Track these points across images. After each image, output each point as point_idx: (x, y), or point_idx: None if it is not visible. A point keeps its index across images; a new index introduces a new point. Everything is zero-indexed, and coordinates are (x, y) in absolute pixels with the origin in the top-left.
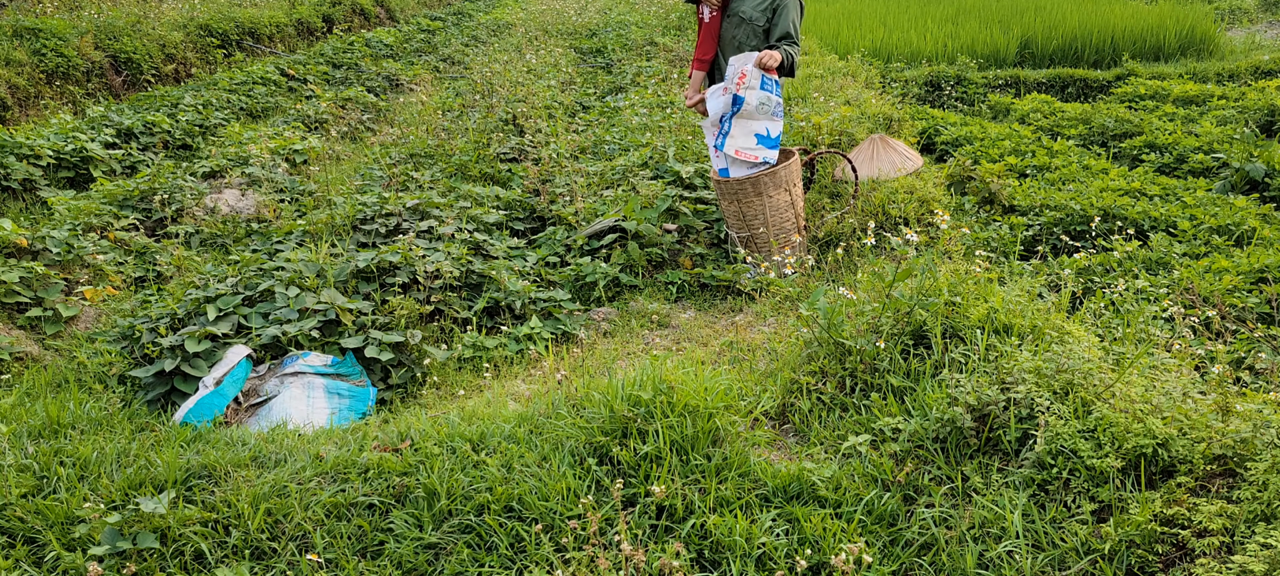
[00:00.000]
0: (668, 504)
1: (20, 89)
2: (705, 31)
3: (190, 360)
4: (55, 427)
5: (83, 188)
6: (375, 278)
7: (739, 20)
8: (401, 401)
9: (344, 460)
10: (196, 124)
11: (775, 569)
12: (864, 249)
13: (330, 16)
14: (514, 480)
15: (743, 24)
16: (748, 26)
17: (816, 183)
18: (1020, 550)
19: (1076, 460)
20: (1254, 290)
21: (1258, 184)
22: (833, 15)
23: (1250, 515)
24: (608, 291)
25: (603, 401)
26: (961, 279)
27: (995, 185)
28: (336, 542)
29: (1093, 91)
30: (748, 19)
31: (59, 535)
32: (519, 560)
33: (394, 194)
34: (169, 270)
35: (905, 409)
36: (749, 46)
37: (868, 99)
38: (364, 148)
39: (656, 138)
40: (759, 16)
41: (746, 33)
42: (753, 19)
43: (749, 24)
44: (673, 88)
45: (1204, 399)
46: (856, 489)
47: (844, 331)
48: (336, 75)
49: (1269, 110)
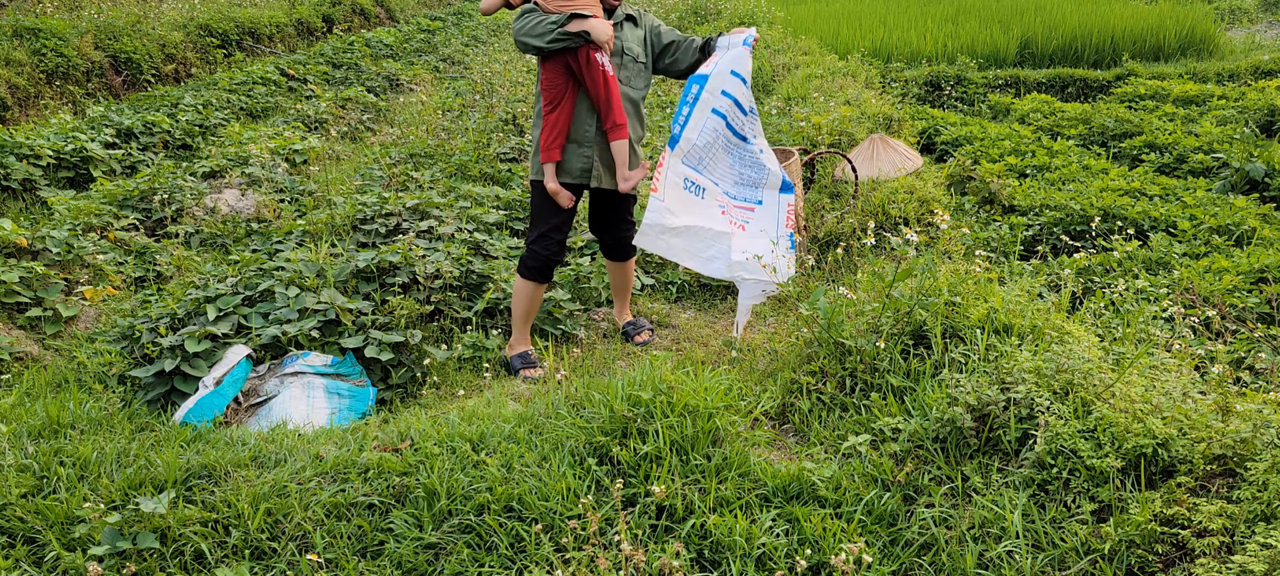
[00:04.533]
0: (668, 504)
1: (20, 89)
2: (614, 86)
3: (190, 360)
4: (55, 427)
5: (83, 188)
6: (375, 277)
7: (626, 59)
8: (401, 401)
9: (344, 460)
10: (196, 124)
11: (775, 569)
12: (864, 249)
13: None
14: (514, 480)
15: (632, 65)
16: (635, 66)
17: (816, 183)
18: (1020, 550)
19: (1076, 460)
20: (1254, 290)
21: (1258, 184)
22: (833, 15)
23: (1250, 515)
24: (608, 291)
25: (603, 401)
26: (961, 279)
27: (995, 185)
28: (336, 542)
29: (1093, 91)
30: (635, 57)
31: (59, 535)
32: (519, 560)
33: (394, 194)
34: (169, 270)
35: (905, 409)
36: (636, 88)
37: (868, 99)
38: (364, 148)
39: (656, 138)
40: (642, 52)
41: (633, 72)
42: (638, 55)
43: (636, 63)
44: (672, 87)
45: (1204, 399)
46: (856, 489)
47: (844, 331)
48: (336, 75)
49: (1269, 110)
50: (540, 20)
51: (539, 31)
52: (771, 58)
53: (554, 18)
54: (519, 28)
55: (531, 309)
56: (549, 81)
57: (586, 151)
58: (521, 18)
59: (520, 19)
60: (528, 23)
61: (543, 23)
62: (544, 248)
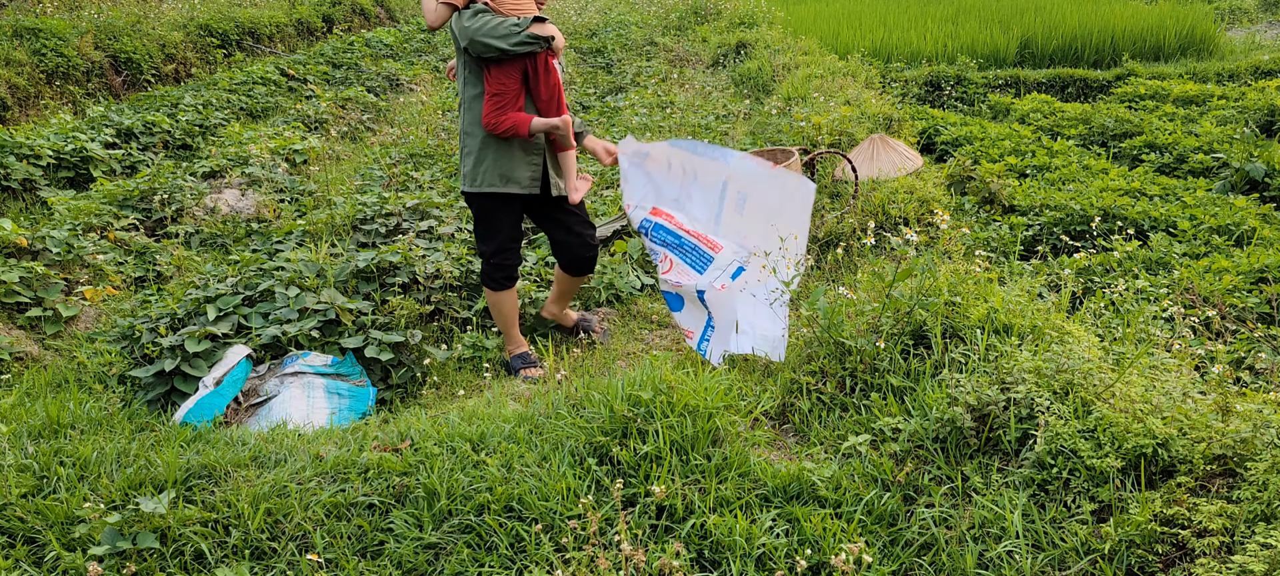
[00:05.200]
0: (668, 504)
1: (20, 89)
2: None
3: (190, 360)
4: (55, 427)
5: (83, 188)
6: (375, 277)
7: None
8: (401, 401)
9: (344, 460)
10: (196, 124)
11: (775, 569)
12: (864, 249)
13: (330, 16)
14: (514, 480)
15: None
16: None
17: (816, 183)
18: (1020, 550)
19: (1076, 460)
20: (1254, 290)
21: (1258, 184)
22: (833, 15)
23: (1250, 515)
24: (608, 291)
25: (603, 401)
26: (961, 279)
27: (995, 185)
28: (336, 542)
29: (1093, 91)
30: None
31: (59, 535)
32: (519, 560)
33: (394, 194)
34: (169, 270)
35: (905, 409)
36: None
37: (868, 99)
38: (364, 148)
39: (657, 138)
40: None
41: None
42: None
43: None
44: (673, 87)
45: (1204, 399)
46: (856, 489)
47: (844, 331)
48: (336, 75)
49: (1269, 110)
50: (500, 21)
51: (501, 33)
52: (772, 58)
53: (516, 20)
54: (475, 28)
55: (513, 312)
56: (501, 87)
57: (535, 159)
58: (476, 18)
59: (474, 19)
60: (486, 23)
61: (504, 24)
62: (507, 259)
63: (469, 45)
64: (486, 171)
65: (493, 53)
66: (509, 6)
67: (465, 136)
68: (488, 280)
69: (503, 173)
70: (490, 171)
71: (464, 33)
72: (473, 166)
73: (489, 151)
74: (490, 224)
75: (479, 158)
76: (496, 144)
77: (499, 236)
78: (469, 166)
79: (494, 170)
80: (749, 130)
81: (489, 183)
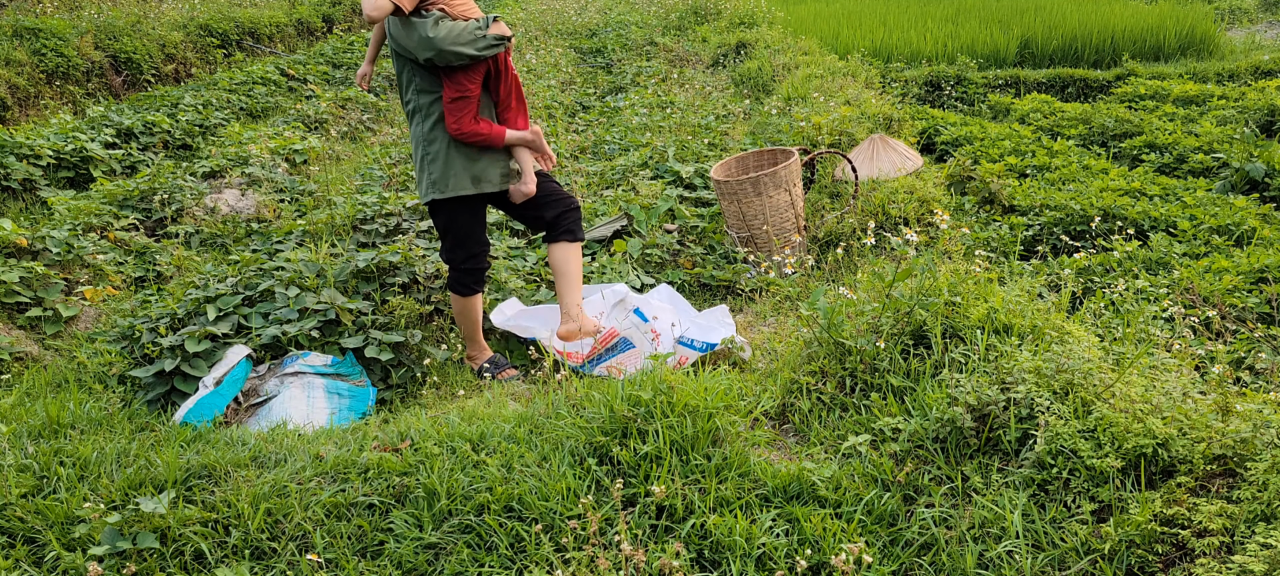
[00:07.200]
0: (668, 504)
1: (20, 89)
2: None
3: (190, 360)
4: (55, 427)
5: (83, 188)
6: (375, 278)
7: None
8: (401, 401)
9: (344, 460)
10: (196, 124)
11: (775, 569)
12: (864, 249)
13: (330, 16)
14: (514, 480)
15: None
16: None
17: (816, 183)
18: (1020, 550)
19: (1076, 460)
20: (1254, 290)
21: (1258, 184)
22: (833, 15)
23: (1250, 515)
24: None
25: (603, 401)
26: (961, 279)
27: (995, 185)
28: (336, 542)
29: (1093, 91)
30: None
31: (59, 535)
32: (519, 560)
33: (394, 194)
34: (169, 270)
35: (905, 409)
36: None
37: (868, 99)
38: (364, 148)
39: (656, 138)
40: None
41: None
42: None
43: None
44: (673, 87)
45: (1204, 399)
46: (856, 489)
47: (844, 331)
48: (336, 75)
49: (1269, 110)
50: (463, 27)
51: (468, 38)
52: (772, 57)
53: (476, 23)
54: (440, 37)
55: (478, 317)
56: (463, 90)
57: (502, 155)
58: (438, 27)
59: (436, 28)
60: (451, 31)
61: (468, 30)
62: (480, 262)
63: (435, 56)
64: (457, 176)
65: (462, 60)
66: (459, 10)
67: (425, 144)
68: (458, 287)
69: (474, 175)
70: (461, 175)
71: (426, 44)
72: (441, 173)
73: (457, 155)
74: (461, 229)
75: (447, 162)
76: (463, 147)
77: (470, 240)
78: (436, 173)
79: (465, 173)
80: (749, 130)
81: (460, 187)
